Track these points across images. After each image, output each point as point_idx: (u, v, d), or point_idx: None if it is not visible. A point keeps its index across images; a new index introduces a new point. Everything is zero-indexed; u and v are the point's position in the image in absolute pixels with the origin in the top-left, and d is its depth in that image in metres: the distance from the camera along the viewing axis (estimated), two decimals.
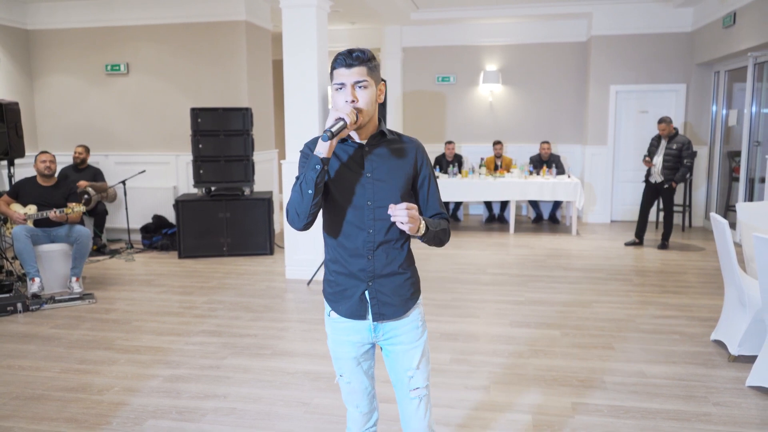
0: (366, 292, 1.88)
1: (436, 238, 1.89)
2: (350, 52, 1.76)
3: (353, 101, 1.75)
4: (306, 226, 1.83)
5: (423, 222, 1.81)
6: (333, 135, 1.69)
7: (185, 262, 6.58)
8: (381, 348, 2.01)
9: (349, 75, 1.75)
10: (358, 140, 1.86)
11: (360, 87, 1.76)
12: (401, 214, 1.73)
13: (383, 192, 1.84)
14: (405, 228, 1.75)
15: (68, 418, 3.10)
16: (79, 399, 3.31)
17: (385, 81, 1.80)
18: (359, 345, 1.95)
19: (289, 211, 1.83)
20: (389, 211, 1.76)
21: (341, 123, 1.70)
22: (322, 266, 5.65)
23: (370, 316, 1.91)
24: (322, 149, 1.73)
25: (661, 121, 6.91)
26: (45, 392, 3.40)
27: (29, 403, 3.26)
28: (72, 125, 7.93)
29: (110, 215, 7.46)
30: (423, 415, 1.99)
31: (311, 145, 1.86)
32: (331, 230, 1.90)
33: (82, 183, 6.98)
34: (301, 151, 1.88)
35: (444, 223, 1.95)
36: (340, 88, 1.77)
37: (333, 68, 1.79)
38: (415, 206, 1.77)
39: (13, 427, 3.01)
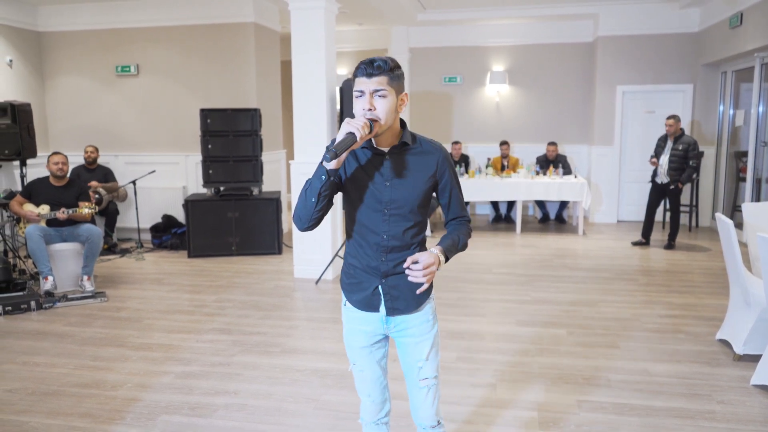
0: (379, 287, 1.94)
1: (457, 253, 1.97)
2: (372, 61, 1.77)
3: (370, 109, 1.78)
4: (308, 228, 1.89)
5: (441, 257, 1.86)
6: (336, 155, 1.71)
7: (195, 261, 6.65)
8: (393, 339, 2.07)
9: (368, 84, 1.77)
10: (378, 147, 1.88)
11: (379, 96, 1.78)
12: (418, 276, 1.81)
13: (400, 200, 1.88)
14: (424, 281, 1.83)
15: (83, 413, 3.17)
16: (93, 395, 3.38)
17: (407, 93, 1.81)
18: (371, 335, 2.02)
19: (294, 213, 1.90)
20: (407, 271, 1.83)
21: (349, 138, 1.72)
22: (330, 265, 5.72)
23: (382, 309, 1.96)
24: (330, 162, 1.76)
25: (670, 117, 6.92)
26: (60, 388, 3.47)
27: (45, 399, 3.34)
28: (83, 126, 8.03)
29: (120, 215, 7.55)
30: (431, 403, 2.06)
31: (336, 140, 1.85)
32: (350, 228, 1.97)
33: (94, 183, 7.07)
34: (326, 147, 1.86)
35: (463, 230, 2.01)
36: (360, 96, 1.80)
37: (355, 76, 1.81)
38: (428, 261, 1.80)
39: (30, 421, 3.09)
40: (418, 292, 1.89)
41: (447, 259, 1.90)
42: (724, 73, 8.27)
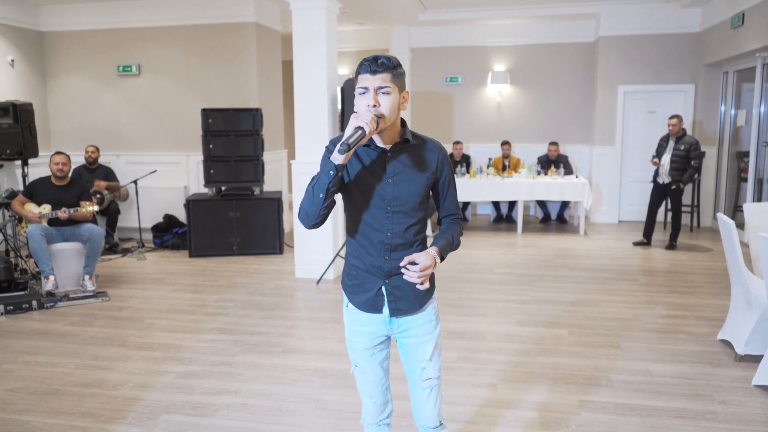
0: (383, 288, 1.95)
1: (451, 251, 2.01)
2: (376, 58, 1.79)
3: (375, 105, 1.79)
4: (315, 225, 1.89)
5: (437, 258, 1.90)
6: (349, 147, 1.72)
7: (196, 261, 6.66)
8: (396, 340, 2.07)
9: (372, 80, 1.79)
10: (380, 144, 1.89)
11: (383, 93, 1.79)
12: (414, 276, 1.83)
13: (403, 197, 1.89)
14: (419, 282, 1.86)
15: (84, 412, 3.18)
16: (94, 394, 3.39)
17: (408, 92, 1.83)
18: (374, 336, 2.02)
19: (300, 210, 1.89)
20: (403, 270, 1.85)
21: (359, 132, 1.72)
22: (332, 265, 5.72)
23: (386, 310, 1.97)
24: (338, 157, 1.77)
25: (673, 116, 6.93)
26: (61, 387, 3.48)
27: (46, 398, 3.34)
28: (84, 125, 8.04)
29: (122, 214, 7.56)
30: (433, 404, 2.06)
31: (336, 141, 1.87)
32: (352, 228, 1.97)
33: (101, 183, 7.08)
34: (326, 147, 1.90)
35: (456, 229, 2.05)
36: (364, 93, 1.81)
37: (358, 73, 1.82)
38: (425, 263, 1.84)
39: (32, 421, 3.09)
40: (417, 287, 1.89)
41: (442, 259, 1.93)
42: (725, 73, 8.26)
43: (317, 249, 5.81)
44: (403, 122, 1.93)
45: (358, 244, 1.96)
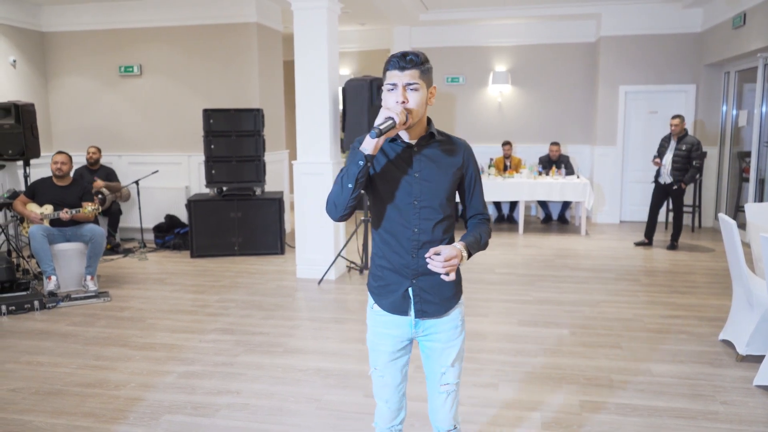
0: (409, 289, 1.93)
1: (479, 250, 1.96)
2: (404, 55, 1.81)
3: (404, 102, 1.80)
4: (342, 217, 1.89)
5: (464, 252, 1.84)
6: (381, 132, 1.74)
7: (197, 261, 6.66)
8: (418, 342, 2.05)
9: (401, 77, 1.80)
10: (407, 140, 1.90)
11: (411, 89, 1.81)
12: (438, 266, 1.79)
13: (430, 192, 1.89)
14: (444, 275, 1.81)
15: (86, 412, 3.18)
16: (96, 394, 3.39)
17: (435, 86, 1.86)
18: (398, 339, 2.00)
19: (328, 201, 1.89)
20: (428, 260, 1.81)
21: (390, 122, 1.75)
22: (333, 266, 5.73)
23: (412, 312, 1.95)
24: (368, 146, 1.77)
25: (675, 116, 6.94)
26: (63, 387, 3.48)
27: (48, 398, 3.35)
28: (86, 126, 8.05)
29: (123, 215, 7.57)
30: (449, 408, 2.07)
31: (362, 139, 1.87)
32: (378, 226, 1.96)
33: (99, 183, 7.08)
34: (351, 146, 1.90)
35: (484, 228, 2.00)
36: (392, 89, 1.82)
37: (386, 69, 1.83)
38: (450, 254, 1.79)
39: (33, 420, 3.10)
40: (442, 277, 1.82)
41: (470, 255, 1.89)
42: (727, 74, 8.26)
43: (318, 249, 5.81)
44: (428, 119, 1.94)
45: (385, 243, 1.95)
